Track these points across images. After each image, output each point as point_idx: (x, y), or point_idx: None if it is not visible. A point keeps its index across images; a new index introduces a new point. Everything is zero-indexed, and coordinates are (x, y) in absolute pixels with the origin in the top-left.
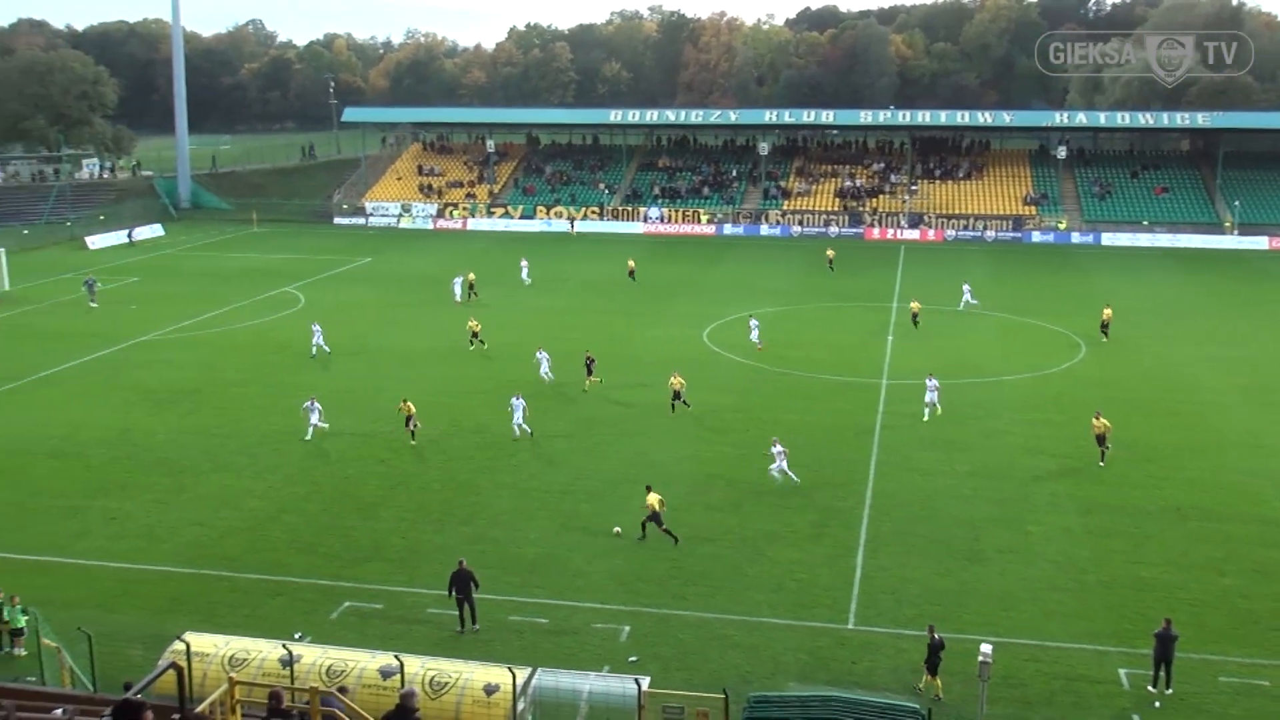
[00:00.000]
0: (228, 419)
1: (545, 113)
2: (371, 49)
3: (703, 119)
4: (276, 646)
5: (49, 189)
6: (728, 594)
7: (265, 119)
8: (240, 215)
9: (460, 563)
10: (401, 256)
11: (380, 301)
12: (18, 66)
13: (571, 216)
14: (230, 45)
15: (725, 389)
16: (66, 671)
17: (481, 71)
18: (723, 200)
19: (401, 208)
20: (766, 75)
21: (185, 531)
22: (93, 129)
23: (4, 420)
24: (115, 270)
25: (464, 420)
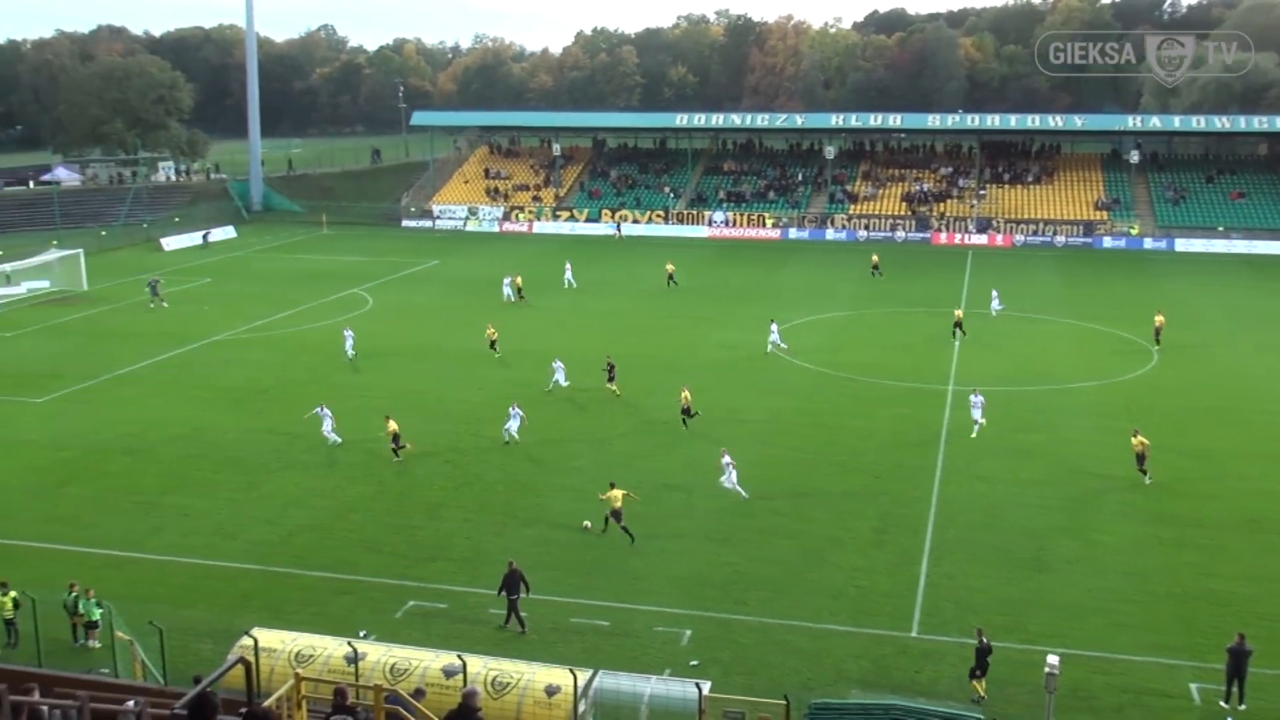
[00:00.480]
0: (296, 418)
1: (611, 116)
2: (440, 53)
3: (768, 123)
4: (342, 644)
5: (126, 191)
6: (789, 599)
7: (335, 123)
8: (310, 218)
9: (510, 564)
10: (467, 259)
11: (446, 304)
12: (98, 72)
13: (618, 220)
14: (302, 50)
15: (789, 393)
16: (139, 664)
17: (548, 75)
18: (788, 204)
19: (468, 211)
20: (833, 79)
21: (255, 529)
22: (169, 133)
23: (82, 417)
24: (189, 271)
25: (528, 422)
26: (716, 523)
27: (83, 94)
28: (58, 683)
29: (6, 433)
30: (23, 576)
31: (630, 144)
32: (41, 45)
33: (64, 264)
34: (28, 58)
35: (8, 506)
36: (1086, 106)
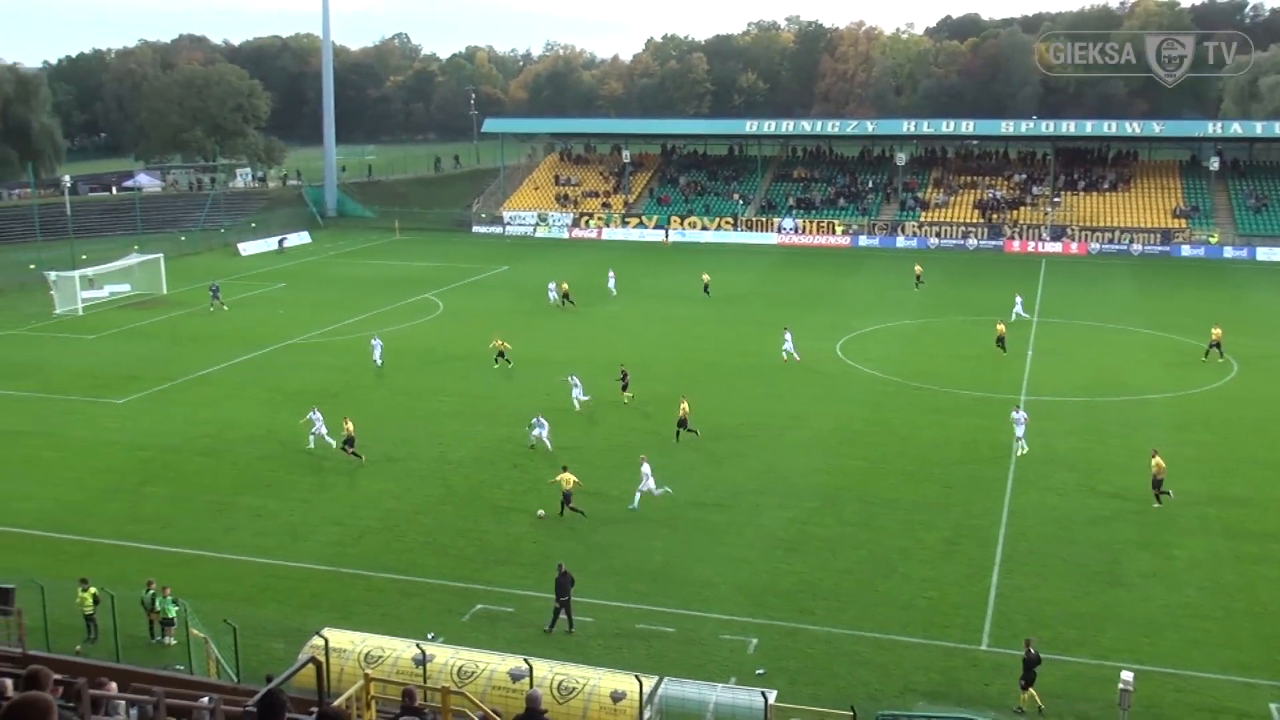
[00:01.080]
0: (366, 421)
1: (681, 123)
2: (511, 61)
3: (839, 129)
4: (410, 645)
5: (205, 197)
6: (857, 609)
7: (409, 129)
8: (383, 223)
9: (559, 566)
10: (537, 265)
11: (515, 309)
12: (178, 80)
13: (665, 227)
14: (377, 58)
15: (858, 402)
16: (213, 662)
17: (618, 83)
18: (858, 211)
19: (538, 217)
20: (905, 85)
21: (325, 530)
22: (246, 140)
23: (161, 418)
24: (264, 276)
25: (594, 426)
26: (784, 531)
27: (164, 102)
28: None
29: (88, 433)
30: (103, 573)
31: (700, 151)
32: (125, 55)
33: (144, 268)
34: (112, 67)
35: (90, 505)
36: (1165, 112)
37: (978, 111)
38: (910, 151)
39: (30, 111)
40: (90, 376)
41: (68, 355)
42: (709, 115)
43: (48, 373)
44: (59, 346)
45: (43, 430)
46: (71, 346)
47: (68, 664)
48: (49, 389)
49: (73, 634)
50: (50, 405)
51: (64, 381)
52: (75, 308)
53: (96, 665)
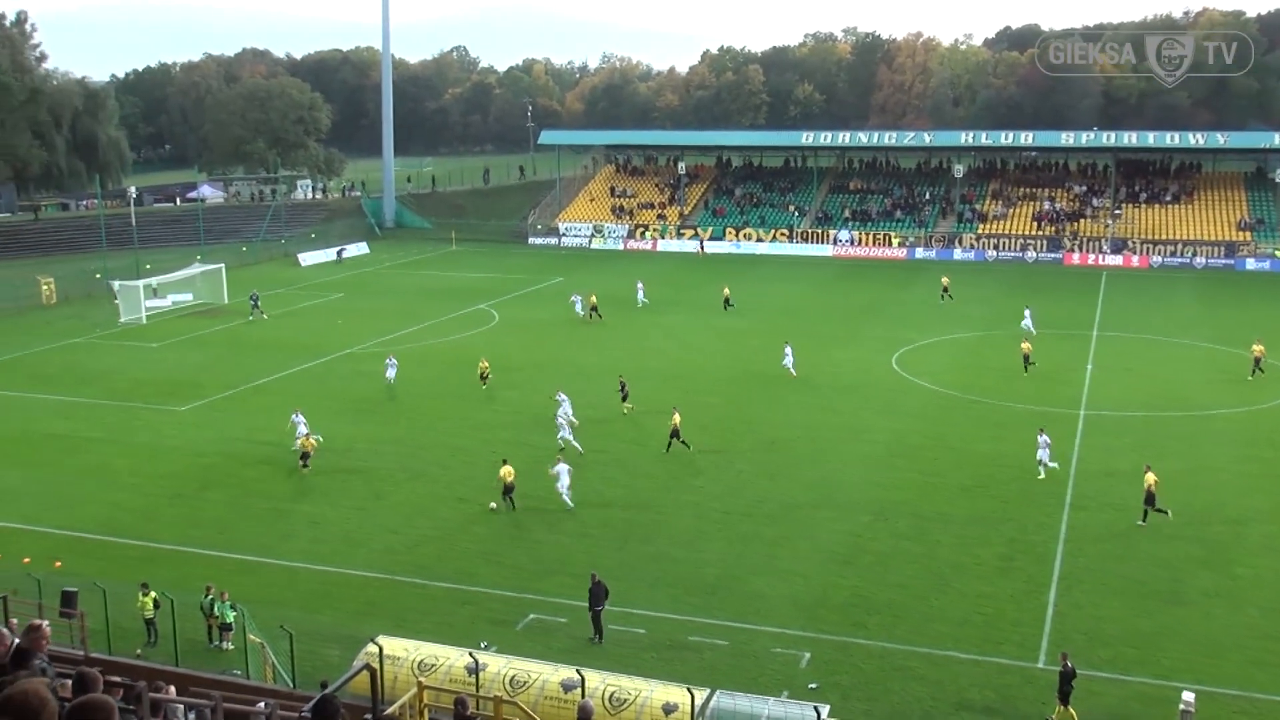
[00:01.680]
0: (422, 430)
1: (736, 135)
2: (568, 73)
3: (896, 141)
4: (463, 654)
5: (266, 208)
6: (911, 625)
7: (466, 141)
8: (440, 234)
9: (593, 576)
10: (592, 277)
11: (570, 320)
12: (241, 93)
13: (701, 237)
14: (435, 71)
15: (914, 415)
16: (269, 667)
17: (674, 94)
18: (915, 223)
19: (593, 228)
20: (963, 96)
21: (381, 538)
22: (307, 152)
23: (221, 425)
24: (323, 286)
25: (648, 438)
26: (838, 544)
27: (227, 114)
28: (193, 682)
29: (152, 439)
30: (163, 578)
31: (755, 162)
32: (190, 68)
33: (206, 278)
34: (177, 80)
35: (152, 510)
36: (1230, 123)
37: (1037, 123)
38: (968, 163)
39: (98, 124)
40: (153, 384)
41: (132, 363)
42: (765, 127)
43: (112, 380)
44: (123, 354)
45: (107, 436)
46: (135, 354)
47: (128, 667)
48: (113, 396)
49: (133, 637)
50: (114, 412)
51: (128, 388)
52: (139, 316)
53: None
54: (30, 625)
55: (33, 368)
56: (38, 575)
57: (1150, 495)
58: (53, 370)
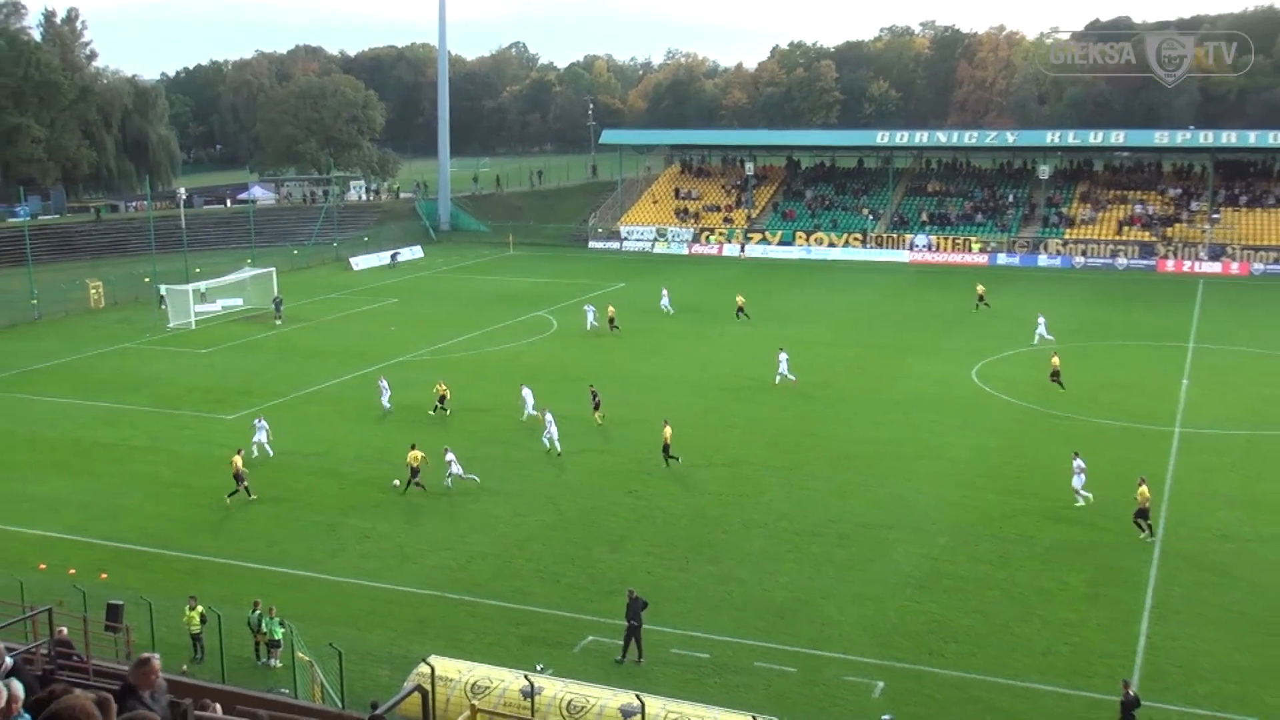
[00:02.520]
0: (477, 442)
1: (807, 134)
2: (631, 70)
3: (977, 140)
4: (518, 677)
5: (317, 210)
6: (991, 654)
7: (524, 141)
8: (497, 238)
9: (630, 592)
10: (655, 282)
11: (630, 328)
12: (294, 92)
13: (742, 241)
14: (493, 68)
15: (995, 431)
16: (318, 686)
17: (742, 92)
18: (997, 228)
19: (657, 232)
20: (1049, 93)
21: (433, 554)
22: (360, 152)
23: (270, 434)
24: (376, 291)
25: (715, 454)
26: (914, 567)
27: (279, 113)
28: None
29: (199, 449)
30: (211, 592)
31: (827, 163)
32: (242, 66)
33: (257, 282)
34: (229, 78)
35: (200, 522)
36: None
37: (1129, 121)
38: (1054, 164)
39: (148, 124)
40: (201, 391)
41: (180, 369)
42: (837, 126)
43: (160, 386)
44: (171, 360)
45: (155, 445)
46: (183, 360)
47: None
48: (160, 403)
49: (180, 652)
50: (162, 419)
51: (176, 395)
52: (188, 321)
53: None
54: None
55: (80, 374)
56: (83, 587)
57: (1142, 510)
58: (101, 376)
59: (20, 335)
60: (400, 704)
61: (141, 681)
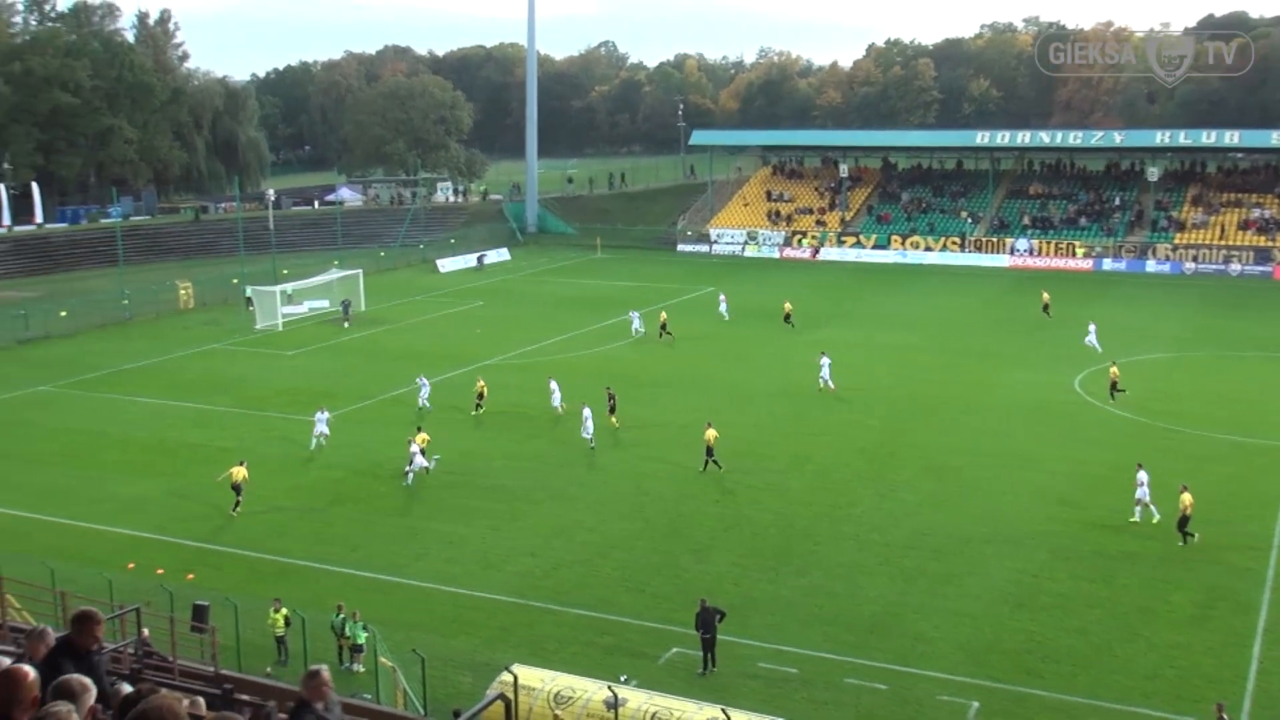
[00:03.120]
0: (561, 447)
1: (904, 135)
2: (723, 69)
3: (1082, 141)
4: (602, 687)
5: (404, 212)
6: (1093, 676)
7: (613, 142)
8: (584, 240)
9: (702, 602)
10: (745, 287)
11: (719, 333)
12: (382, 92)
13: (816, 245)
14: (582, 68)
15: (1099, 444)
16: (400, 693)
17: (836, 91)
18: (1102, 232)
19: (747, 235)
20: (1159, 92)
21: (517, 561)
22: (448, 153)
23: (355, 438)
24: (462, 294)
25: (805, 462)
26: (1011, 584)
27: (367, 114)
28: None
29: (283, 450)
30: (295, 595)
31: (924, 164)
32: (331, 67)
33: (343, 284)
34: (318, 79)
35: (283, 524)
36: None
37: (1244, 120)
38: (1164, 165)
39: (238, 125)
40: (287, 393)
41: (266, 371)
42: (935, 126)
43: (246, 388)
44: (258, 362)
45: (240, 447)
46: (270, 362)
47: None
48: (246, 404)
49: (264, 654)
50: (248, 421)
51: (262, 397)
52: (275, 323)
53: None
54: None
55: (170, 374)
56: (170, 587)
57: (1184, 518)
58: (189, 377)
59: (112, 335)
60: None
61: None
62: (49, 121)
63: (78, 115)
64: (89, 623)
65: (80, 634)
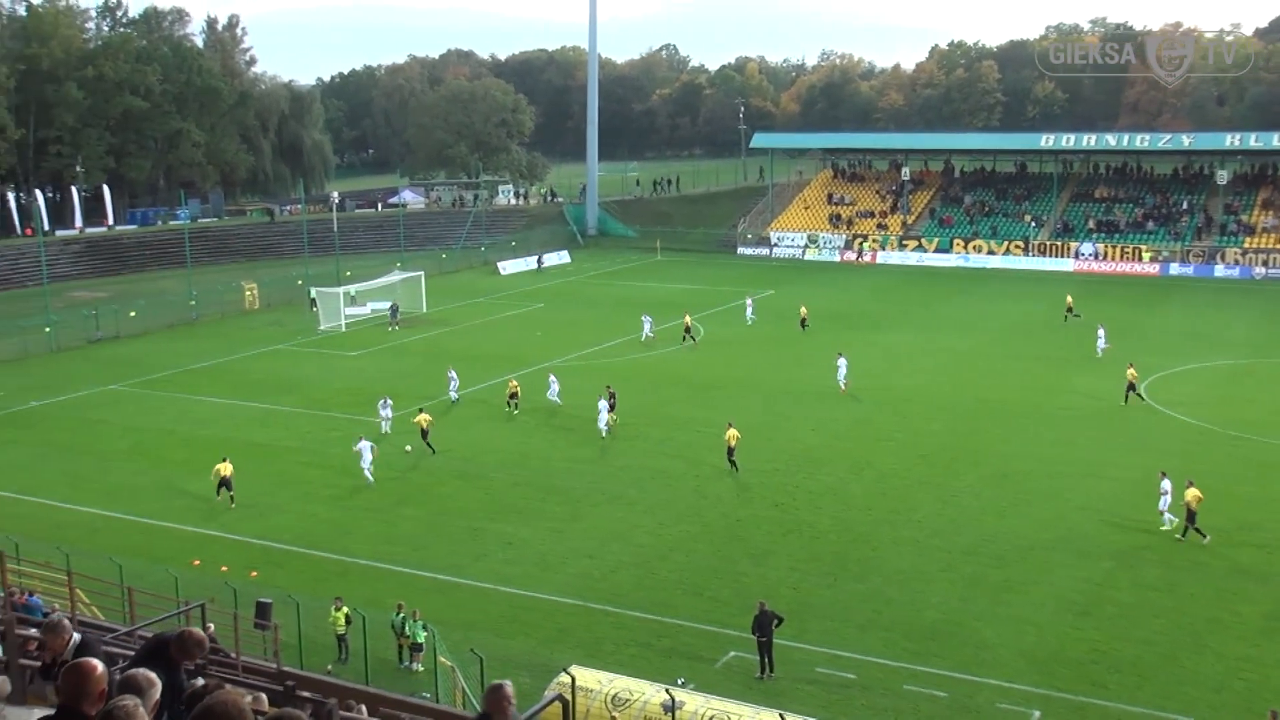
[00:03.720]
0: (618, 450)
1: (967, 137)
2: (784, 72)
3: (1149, 144)
4: (659, 690)
5: (466, 214)
6: (1158, 687)
7: (673, 145)
8: (644, 243)
9: (761, 605)
10: (805, 290)
11: (779, 336)
12: (444, 96)
13: (871, 248)
14: (643, 71)
15: (1164, 451)
16: (459, 692)
17: (899, 94)
18: (1169, 236)
19: (808, 238)
20: (1228, 93)
21: (576, 563)
22: (509, 156)
23: (417, 438)
24: (523, 296)
25: (864, 468)
26: (1075, 592)
27: (430, 117)
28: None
29: (348, 450)
30: (357, 594)
31: (987, 167)
32: (394, 70)
33: (406, 286)
34: (381, 83)
35: (348, 523)
36: None
37: None
38: (1234, 168)
39: (303, 128)
40: (351, 393)
41: (330, 371)
42: (999, 129)
43: (311, 388)
44: (322, 362)
45: (305, 446)
46: (334, 363)
47: (319, 683)
48: (311, 405)
49: (325, 652)
50: (312, 421)
51: (326, 397)
52: (338, 324)
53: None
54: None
55: (236, 374)
56: (234, 584)
57: (1191, 513)
58: (255, 377)
59: (179, 335)
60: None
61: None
62: (120, 125)
63: (148, 119)
64: (193, 645)
65: (181, 648)
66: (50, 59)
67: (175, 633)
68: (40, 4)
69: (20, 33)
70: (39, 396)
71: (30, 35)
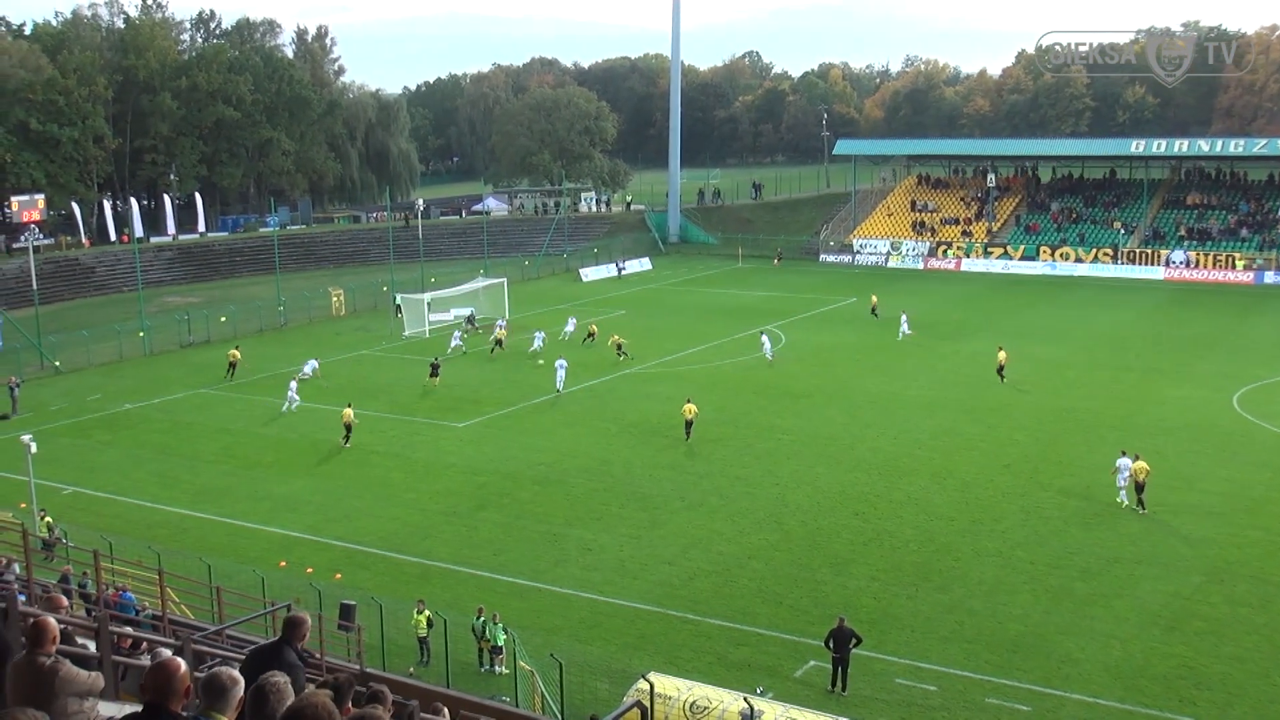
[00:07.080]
0: (702, 457)
1: (1055, 143)
2: (868, 78)
3: (1244, 149)
4: (738, 698)
5: (549, 222)
6: (1249, 704)
7: (756, 152)
8: (725, 250)
9: (841, 620)
10: (888, 298)
11: (862, 344)
12: (529, 104)
13: (959, 255)
14: (725, 78)
15: (1259, 464)
16: (538, 697)
17: (985, 99)
18: (1264, 243)
19: (890, 245)
20: None
21: (655, 569)
22: (592, 163)
23: (499, 443)
24: (605, 303)
25: (947, 477)
26: (1164, 605)
27: (514, 125)
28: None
29: (431, 455)
30: (438, 597)
31: (1075, 174)
32: (479, 79)
33: (489, 292)
34: (466, 91)
35: (430, 527)
36: None
37: None
38: None
39: (390, 136)
40: (433, 399)
41: (413, 377)
42: (1087, 135)
43: (395, 393)
44: (405, 368)
45: (389, 450)
46: (418, 368)
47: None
48: (396, 409)
49: (407, 654)
50: (396, 425)
51: (409, 402)
52: (423, 330)
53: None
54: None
55: (323, 379)
56: (319, 586)
57: (1139, 485)
58: (341, 381)
59: (269, 340)
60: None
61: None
62: (212, 134)
63: (239, 128)
64: (300, 626)
65: (291, 633)
66: (146, 70)
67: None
68: (137, 16)
69: (118, 45)
70: (133, 400)
71: (127, 47)
